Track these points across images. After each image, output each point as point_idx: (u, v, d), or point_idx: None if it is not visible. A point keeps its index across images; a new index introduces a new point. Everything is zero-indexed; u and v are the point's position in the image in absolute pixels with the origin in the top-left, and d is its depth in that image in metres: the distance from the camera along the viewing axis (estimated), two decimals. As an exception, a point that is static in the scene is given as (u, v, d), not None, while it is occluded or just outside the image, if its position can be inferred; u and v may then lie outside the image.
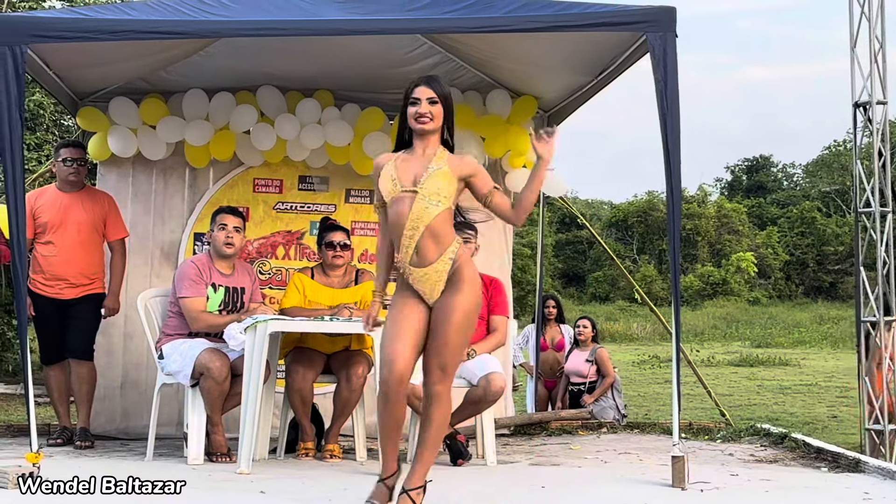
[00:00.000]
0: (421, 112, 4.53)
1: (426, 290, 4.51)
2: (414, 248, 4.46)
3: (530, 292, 28.16)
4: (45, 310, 6.95)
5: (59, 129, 14.53)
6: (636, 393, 14.71)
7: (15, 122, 5.29)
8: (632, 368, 19.57)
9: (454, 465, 6.21)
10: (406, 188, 4.49)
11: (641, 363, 20.96)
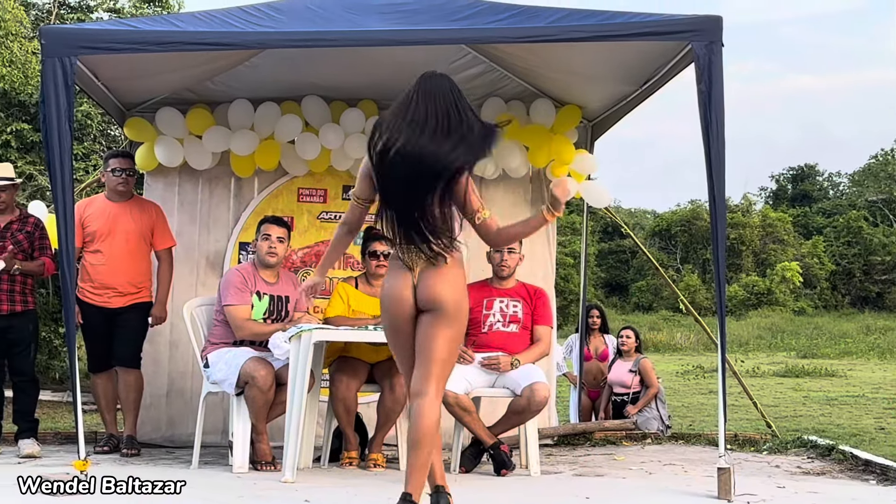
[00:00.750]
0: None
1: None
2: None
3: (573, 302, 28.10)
4: (92, 318, 7.01)
5: (106, 138, 14.71)
6: (680, 403, 14.59)
7: (64, 132, 5.36)
8: (675, 379, 19.43)
9: (498, 475, 6.20)
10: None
11: (685, 373, 20.81)
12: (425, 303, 4.35)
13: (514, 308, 6.62)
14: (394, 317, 4.43)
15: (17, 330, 6.92)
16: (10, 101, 13.41)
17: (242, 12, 5.89)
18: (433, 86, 4.40)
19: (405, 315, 4.40)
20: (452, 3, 6.19)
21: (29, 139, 13.41)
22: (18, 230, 6.96)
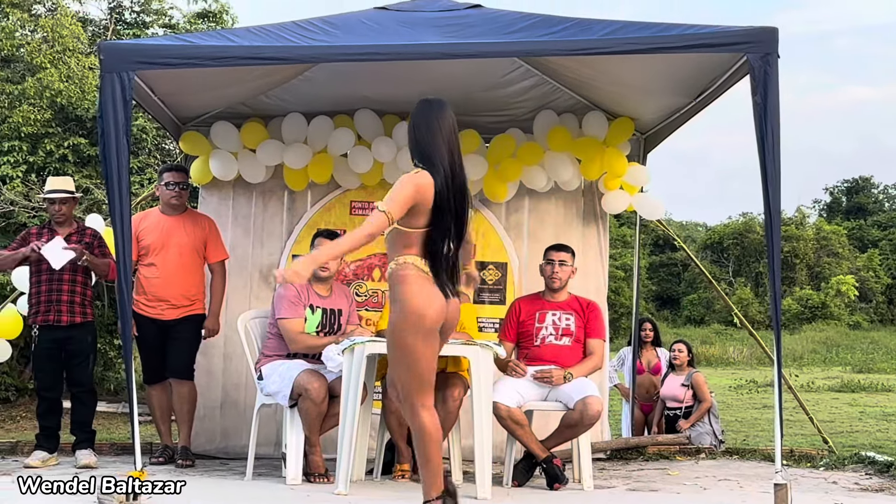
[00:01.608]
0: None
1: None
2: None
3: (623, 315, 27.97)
4: (147, 330, 7.09)
5: (160, 152, 14.86)
6: (733, 418, 14.43)
7: (122, 146, 5.41)
8: (728, 393, 19.21)
9: (550, 490, 6.17)
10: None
11: (738, 388, 20.57)
12: (448, 326, 4.77)
13: (567, 321, 6.59)
14: (435, 324, 4.62)
15: (77, 341, 7.01)
16: (67, 115, 13.59)
17: (297, 27, 5.93)
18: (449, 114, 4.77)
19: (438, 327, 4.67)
20: (506, 17, 6.19)
21: (85, 153, 13.57)
22: (77, 242, 7.06)
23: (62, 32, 13.51)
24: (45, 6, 14.80)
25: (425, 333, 4.58)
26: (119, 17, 15.72)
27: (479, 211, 8.10)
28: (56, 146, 13.32)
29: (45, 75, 13.08)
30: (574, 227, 8.13)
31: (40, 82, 13.06)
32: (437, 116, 4.71)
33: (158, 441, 7.52)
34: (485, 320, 7.87)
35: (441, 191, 4.59)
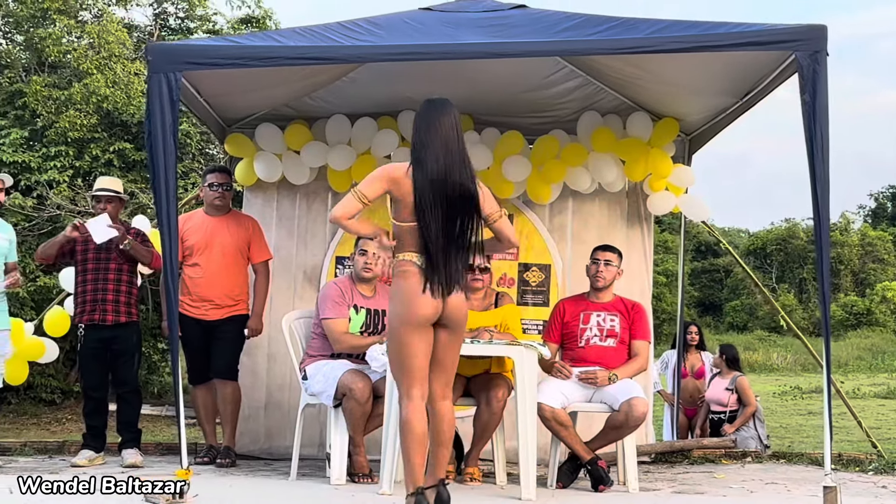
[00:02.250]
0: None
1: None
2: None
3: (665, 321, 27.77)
4: (191, 330, 7.11)
5: (204, 157, 14.99)
6: (778, 424, 14.31)
7: (169, 147, 5.45)
8: (773, 399, 19.04)
9: (595, 491, 6.14)
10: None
11: (783, 394, 20.39)
12: (451, 321, 4.80)
13: (612, 322, 6.55)
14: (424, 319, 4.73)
15: (122, 340, 7.06)
16: (112, 121, 13.74)
17: (341, 27, 5.94)
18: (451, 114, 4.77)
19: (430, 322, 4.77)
20: (550, 17, 6.17)
21: (130, 158, 13.72)
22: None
23: (108, 38, 13.68)
24: (92, 13, 14.98)
25: (414, 328, 4.72)
26: (164, 23, 15.88)
27: (523, 212, 8.08)
28: (102, 151, 13.48)
29: (92, 81, 13.23)
30: (618, 229, 8.09)
31: (87, 88, 13.22)
32: (437, 116, 4.74)
33: (203, 441, 7.56)
34: (528, 322, 7.85)
35: (421, 188, 4.66)
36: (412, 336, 4.72)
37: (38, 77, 13.64)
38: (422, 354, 4.76)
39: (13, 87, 13.81)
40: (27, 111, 13.52)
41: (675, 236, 35.54)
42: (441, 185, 4.67)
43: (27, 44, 14.43)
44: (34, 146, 13.43)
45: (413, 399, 4.74)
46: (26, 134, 13.34)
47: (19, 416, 13.37)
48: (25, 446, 7.76)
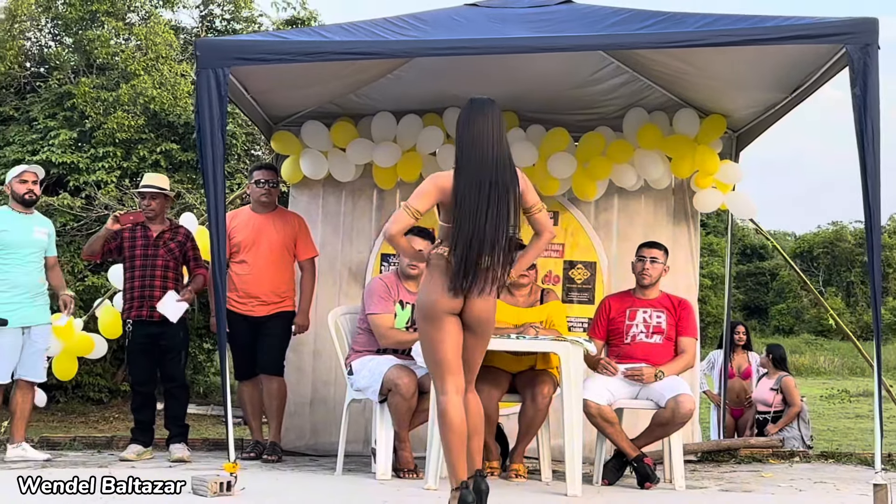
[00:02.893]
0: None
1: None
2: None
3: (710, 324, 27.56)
4: (237, 327, 7.14)
5: (249, 158, 15.07)
6: (825, 427, 14.17)
7: (217, 142, 5.48)
8: (820, 402, 18.85)
9: (641, 488, 6.10)
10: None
11: (830, 397, 20.17)
12: (473, 322, 4.79)
13: (658, 319, 6.51)
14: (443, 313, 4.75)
15: (169, 336, 7.11)
16: (159, 122, 13.86)
17: (388, 23, 5.95)
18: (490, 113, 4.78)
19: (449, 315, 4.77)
20: (597, 12, 6.15)
21: (177, 159, 13.82)
22: (170, 239, 7.18)
23: (155, 40, 13.80)
24: (139, 15, 15.13)
25: (435, 321, 4.74)
26: (210, 24, 16.00)
27: (568, 209, 8.06)
28: (149, 152, 13.60)
29: (139, 82, 13.36)
30: (664, 226, 8.04)
31: (134, 89, 13.34)
32: (476, 116, 4.76)
33: (249, 437, 7.60)
34: (573, 319, 7.81)
35: (461, 189, 4.68)
36: (432, 327, 4.75)
37: (86, 79, 13.78)
38: (448, 347, 4.75)
39: (62, 89, 13.96)
40: (76, 112, 13.66)
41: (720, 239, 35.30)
42: (479, 186, 4.66)
43: (76, 46, 14.60)
44: (82, 147, 13.57)
45: (447, 392, 4.74)
46: (75, 135, 13.49)
47: (67, 414, 13.52)
48: (75, 441, 7.85)
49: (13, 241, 6.96)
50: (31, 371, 7.01)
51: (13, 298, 6.91)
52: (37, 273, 7.08)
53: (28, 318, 6.97)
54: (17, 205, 7.08)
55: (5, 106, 14.28)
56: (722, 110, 7.58)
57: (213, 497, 5.23)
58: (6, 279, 6.92)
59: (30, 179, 7.09)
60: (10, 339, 6.90)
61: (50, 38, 15.39)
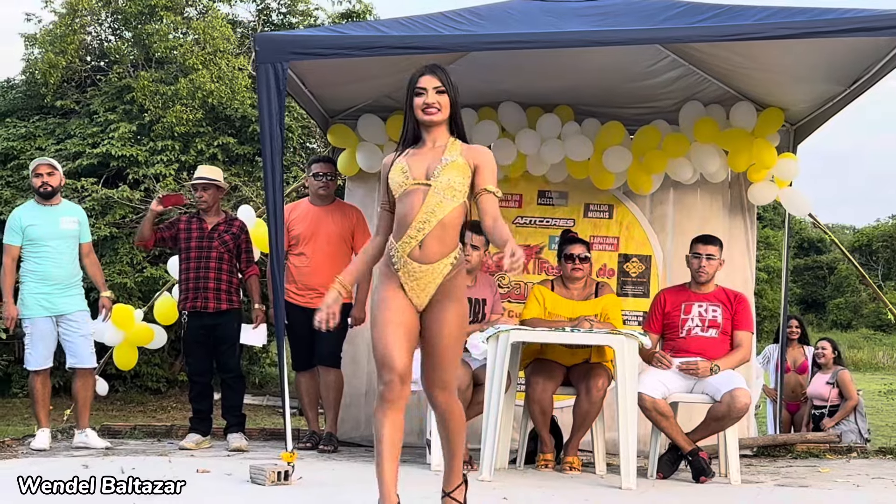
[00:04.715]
0: (428, 102, 4.27)
1: (416, 289, 4.21)
2: (419, 241, 4.18)
3: (766, 318, 27.32)
4: (296, 318, 7.21)
5: (305, 151, 15.21)
6: (883, 423, 14.01)
7: (276, 135, 5.57)
8: (878, 398, 18.60)
9: (696, 482, 6.09)
10: (418, 181, 4.22)
11: (888, 393, 19.88)
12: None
13: (714, 313, 6.49)
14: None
15: (224, 328, 7.21)
16: (217, 115, 14.02)
17: (444, 17, 5.99)
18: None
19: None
20: (653, 5, 6.14)
21: (234, 152, 13.99)
22: (225, 231, 7.27)
23: (213, 34, 13.96)
24: (197, 9, 15.31)
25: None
26: (267, 18, 16.15)
27: (623, 203, 8.05)
28: (206, 145, 13.78)
29: (198, 76, 13.53)
30: (720, 220, 8.00)
31: (192, 83, 13.51)
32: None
33: (306, 428, 7.68)
34: (628, 313, 7.81)
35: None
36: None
37: (145, 73, 13.99)
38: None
39: (122, 83, 14.18)
40: (135, 106, 13.87)
41: (776, 232, 34.92)
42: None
43: (135, 40, 14.81)
44: (142, 140, 13.77)
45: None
46: (134, 128, 13.69)
47: (126, 403, 13.75)
48: (135, 429, 7.98)
49: (41, 234, 7.08)
50: (79, 358, 7.14)
51: (44, 289, 7.04)
52: (69, 264, 7.18)
53: (60, 307, 7.09)
54: (39, 198, 7.20)
55: (66, 99, 14.53)
56: (779, 103, 7.52)
57: (270, 486, 5.32)
58: (38, 271, 7.06)
59: (44, 172, 7.17)
60: (43, 327, 7.05)
61: (110, 33, 15.63)
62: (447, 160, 4.24)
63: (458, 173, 4.22)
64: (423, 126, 4.33)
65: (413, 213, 4.18)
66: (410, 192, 4.22)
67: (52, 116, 14.53)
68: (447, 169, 4.22)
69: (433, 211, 4.18)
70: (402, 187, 4.24)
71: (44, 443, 6.91)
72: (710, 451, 6.47)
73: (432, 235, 4.17)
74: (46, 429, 7.03)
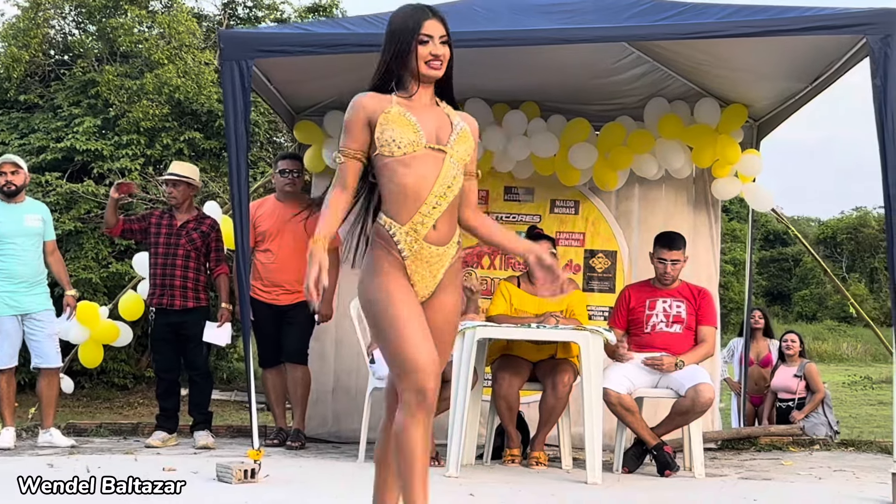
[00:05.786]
0: (436, 53, 3.60)
1: (427, 276, 3.61)
2: (434, 221, 3.57)
3: (732, 310, 27.48)
4: (262, 315, 7.22)
5: (272, 146, 15.14)
6: (847, 414, 14.15)
7: (241, 133, 5.57)
8: (842, 389, 18.81)
9: (661, 476, 6.14)
10: (432, 144, 3.57)
11: (853, 384, 20.12)
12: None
13: (678, 308, 6.54)
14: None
15: (190, 326, 7.20)
16: (183, 110, 13.93)
17: (410, 15, 5.98)
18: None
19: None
20: (618, 3, 6.16)
21: (200, 147, 13.91)
22: (194, 229, 7.25)
23: (178, 28, 13.85)
24: (162, 2, 15.20)
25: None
26: (232, 12, 16.06)
27: (589, 199, 8.10)
28: (172, 140, 13.68)
29: (164, 71, 13.42)
30: (685, 216, 8.06)
31: (158, 78, 13.41)
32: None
33: (273, 424, 7.68)
34: (594, 308, 7.86)
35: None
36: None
37: (110, 67, 13.87)
38: None
39: (86, 77, 14.05)
40: (100, 100, 13.75)
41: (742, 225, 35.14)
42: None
43: (99, 34, 14.68)
44: (107, 135, 13.66)
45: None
46: (99, 122, 13.58)
47: (92, 399, 13.64)
48: (101, 427, 7.95)
49: (5, 232, 7.02)
50: (44, 358, 7.10)
51: (9, 287, 6.99)
52: (34, 262, 7.14)
53: (26, 306, 7.05)
54: (3, 196, 7.12)
55: (30, 94, 14.38)
56: (743, 99, 7.58)
57: (237, 484, 5.32)
58: (2, 269, 7.00)
59: (8, 171, 7.10)
60: (8, 326, 7.00)
61: (74, 27, 15.47)
62: (460, 126, 3.63)
63: (468, 145, 3.65)
64: (420, 80, 3.64)
65: (427, 184, 3.53)
66: (421, 156, 3.54)
67: (15, 111, 14.38)
68: (461, 138, 3.62)
69: (450, 185, 3.57)
70: (414, 147, 3.54)
71: (8, 442, 6.87)
72: (675, 444, 6.54)
73: (446, 213, 3.58)
74: (11, 427, 6.99)
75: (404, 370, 3.52)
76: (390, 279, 3.58)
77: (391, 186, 3.56)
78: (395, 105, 3.58)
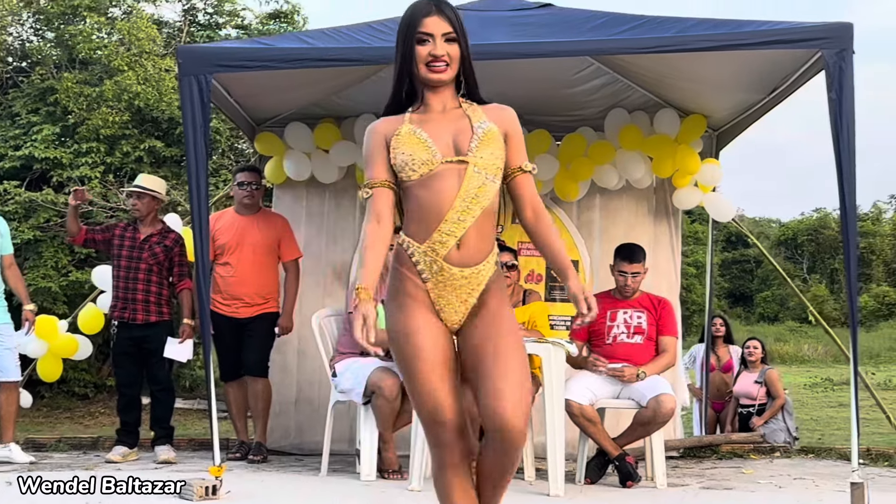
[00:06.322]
0: (436, 54, 3.30)
1: (455, 302, 3.27)
2: (459, 238, 3.24)
3: (695, 312, 27.66)
4: (222, 328, 7.19)
5: (234, 153, 15.07)
6: (808, 417, 14.28)
7: (200, 148, 5.53)
8: (803, 391, 18.98)
9: (623, 487, 6.17)
10: (448, 158, 3.26)
11: (813, 386, 20.31)
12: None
13: (639, 319, 6.57)
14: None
15: (152, 340, 7.14)
16: (143, 117, 13.84)
17: (370, 28, 5.99)
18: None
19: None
20: (577, 16, 6.20)
21: (161, 154, 13.82)
22: (157, 243, 7.20)
23: (138, 35, 13.75)
24: (121, 9, 15.08)
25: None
26: (193, 18, 15.97)
27: (551, 209, 8.11)
28: (133, 147, 13.59)
29: (123, 78, 13.32)
30: (645, 225, 8.10)
31: (118, 85, 13.31)
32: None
33: (235, 437, 7.64)
34: (556, 318, 7.89)
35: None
36: None
37: (69, 74, 13.75)
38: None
39: (45, 84, 13.93)
40: (59, 108, 13.64)
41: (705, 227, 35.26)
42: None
43: (58, 41, 14.55)
44: (66, 142, 13.55)
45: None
46: (58, 130, 13.47)
47: (53, 409, 13.53)
48: (60, 442, 7.88)
49: None
50: (4, 372, 7.02)
51: None
52: None
53: None
54: None
55: (-12, 101, 14.25)
56: (702, 110, 7.64)
57: (198, 501, 5.28)
58: None
59: None
60: None
61: (32, 33, 15.33)
62: (482, 128, 3.30)
63: (497, 146, 3.30)
64: (427, 86, 3.37)
65: (447, 201, 3.22)
66: (439, 173, 3.24)
67: (-28, 119, 14.25)
68: (486, 141, 3.28)
69: (475, 197, 3.23)
70: (429, 167, 3.26)
71: None
72: (637, 453, 6.56)
73: (475, 229, 3.24)
74: (-30, 442, 6.92)
75: (423, 423, 3.31)
76: (412, 313, 3.24)
77: (410, 206, 3.30)
78: (405, 124, 3.33)
